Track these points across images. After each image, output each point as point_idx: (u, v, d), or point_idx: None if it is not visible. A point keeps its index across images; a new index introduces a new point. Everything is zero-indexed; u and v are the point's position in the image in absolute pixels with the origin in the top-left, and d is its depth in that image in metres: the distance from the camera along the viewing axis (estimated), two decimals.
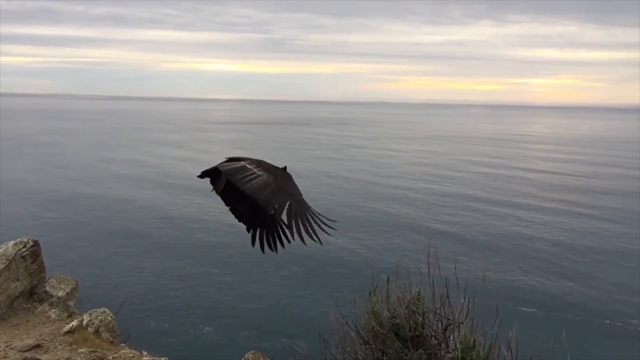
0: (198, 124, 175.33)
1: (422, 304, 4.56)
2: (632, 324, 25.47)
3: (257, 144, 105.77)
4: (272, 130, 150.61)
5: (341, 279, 27.52)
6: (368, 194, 54.79)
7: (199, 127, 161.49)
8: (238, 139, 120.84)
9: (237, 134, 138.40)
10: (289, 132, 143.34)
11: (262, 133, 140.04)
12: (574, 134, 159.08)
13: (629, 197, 55.12)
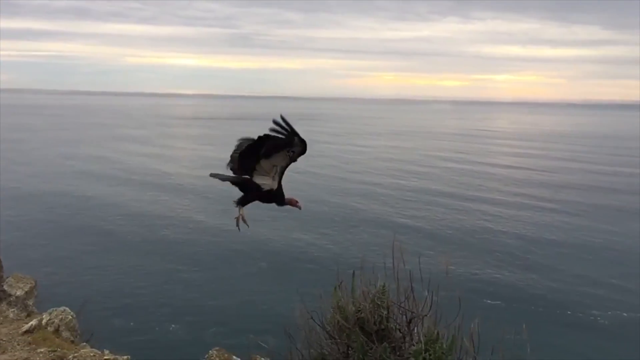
0: (163, 120, 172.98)
1: (386, 297, 4.60)
2: (593, 314, 26.19)
3: (223, 140, 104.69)
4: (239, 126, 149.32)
5: (308, 275, 27.55)
6: (335, 189, 54.96)
7: (163, 122, 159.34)
8: (204, 134, 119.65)
9: (202, 129, 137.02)
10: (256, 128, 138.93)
11: (228, 129, 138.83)
12: (536, 130, 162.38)
13: (589, 191, 56.57)
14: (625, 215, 45.79)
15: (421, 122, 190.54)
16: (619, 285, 29.67)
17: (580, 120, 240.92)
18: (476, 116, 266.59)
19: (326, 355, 4.68)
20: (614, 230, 40.93)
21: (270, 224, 40.65)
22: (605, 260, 34.17)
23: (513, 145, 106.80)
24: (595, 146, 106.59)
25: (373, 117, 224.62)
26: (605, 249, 36.48)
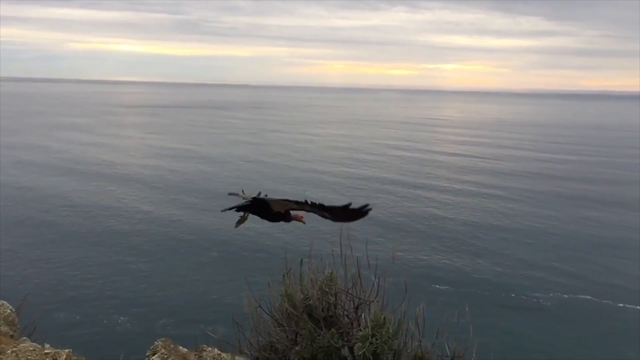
0: (108, 108, 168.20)
1: (334, 284, 4.64)
2: (535, 297, 27.17)
3: (172, 128, 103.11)
4: (187, 114, 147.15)
5: (258, 263, 27.50)
6: (286, 178, 54.89)
7: (108, 110, 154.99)
8: (151, 123, 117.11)
9: (149, 117, 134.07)
10: (205, 116, 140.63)
11: (176, 117, 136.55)
12: (482, 118, 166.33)
13: (531, 178, 58.45)
14: (566, 201, 47.56)
15: (371, 111, 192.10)
16: (559, 268, 30.86)
17: (524, 109, 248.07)
18: (425, 105, 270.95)
19: (274, 342, 4.69)
20: (555, 216, 42.49)
21: (221, 213, 40.32)
22: (546, 245, 35.46)
23: (460, 134, 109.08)
24: (537, 134, 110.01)
25: (324, 106, 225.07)
26: (547, 233, 37.84)
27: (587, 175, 61.07)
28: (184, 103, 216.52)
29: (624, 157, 75.80)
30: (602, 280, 29.14)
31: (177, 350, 3.57)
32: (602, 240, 36.43)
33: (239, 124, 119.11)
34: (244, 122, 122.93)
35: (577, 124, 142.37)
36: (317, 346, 4.42)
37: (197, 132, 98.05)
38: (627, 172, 63.27)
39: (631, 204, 46.42)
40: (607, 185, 55.11)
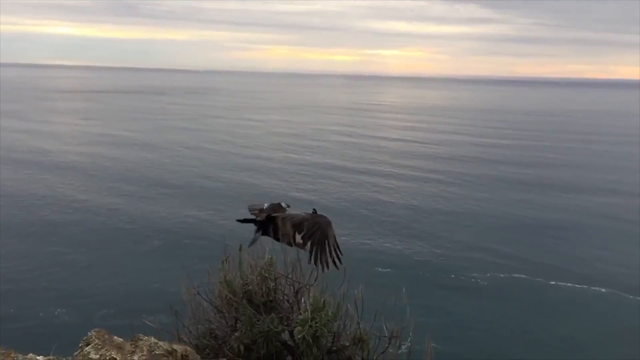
0: (41, 93, 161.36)
1: (274, 269, 4.65)
2: (473, 277, 28.10)
3: (108, 114, 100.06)
4: (124, 100, 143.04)
5: (201, 251, 27.15)
6: (228, 164, 54.38)
7: (42, 95, 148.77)
8: (87, 108, 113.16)
9: (85, 103, 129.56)
10: (143, 102, 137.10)
11: (113, 102, 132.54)
12: (423, 104, 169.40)
13: (470, 162, 60.12)
14: (502, 184, 49.22)
15: (314, 97, 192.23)
16: (496, 249, 32.01)
17: (462, 95, 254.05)
18: (366, 90, 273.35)
19: (214, 329, 4.67)
20: (492, 198, 43.94)
21: (162, 201, 39.62)
22: (484, 227, 36.67)
23: (401, 119, 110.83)
24: (475, 119, 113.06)
25: (266, 91, 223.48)
26: (484, 216, 39.12)
27: (522, 159, 63.31)
28: (120, 88, 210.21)
29: (556, 141, 78.94)
30: (535, 260, 30.41)
31: (111, 341, 3.50)
32: (536, 221, 37.97)
33: (179, 109, 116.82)
34: (184, 108, 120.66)
35: (513, 110, 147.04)
36: (256, 331, 4.43)
37: (135, 118, 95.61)
38: (560, 156, 66.01)
39: (563, 187, 48.51)
40: (541, 168, 57.35)
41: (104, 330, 3.55)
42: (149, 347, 3.53)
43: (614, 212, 40.30)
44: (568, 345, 21.58)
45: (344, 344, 4.56)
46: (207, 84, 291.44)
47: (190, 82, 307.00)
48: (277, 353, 4.60)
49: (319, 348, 4.47)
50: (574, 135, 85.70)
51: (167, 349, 3.63)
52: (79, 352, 3.46)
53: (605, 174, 54.81)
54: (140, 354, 3.39)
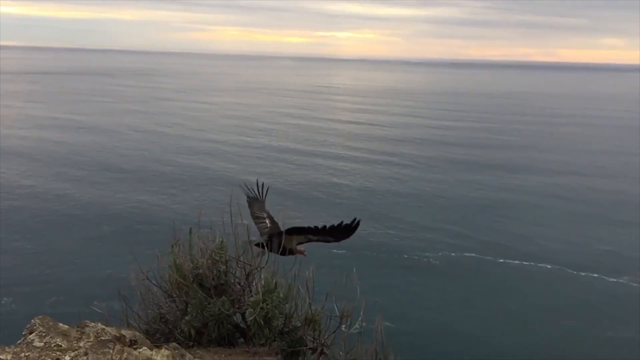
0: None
1: (224, 252, 4.62)
2: (426, 256, 28.67)
3: (53, 97, 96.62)
4: (69, 81, 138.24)
5: (153, 235, 26.78)
6: (180, 148, 53.48)
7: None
8: (31, 91, 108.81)
9: (28, 85, 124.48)
10: (90, 84, 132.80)
11: (56, 84, 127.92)
12: (376, 86, 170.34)
13: (422, 144, 60.97)
14: (454, 166, 50.15)
15: (266, 79, 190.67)
16: (448, 229, 32.71)
17: (415, 77, 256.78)
18: (320, 72, 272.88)
19: (164, 314, 4.62)
20: (444, 180, 44.76)
21: (112, 185, 38.75)
22: (436, 207, 37.37)
23: (354, 102, 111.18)
24: (427, 102, 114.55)
25: (217, 73, 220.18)
26: (436, 196, 39.84)
27: (473, 140, 64.59)
28: (66, 69, 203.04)
29: (505, 123, 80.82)
30: (485, 239, 31.26)
31: (56, 328, 3.41)
32: (485, 201, 38.94)
33: (128, 91, 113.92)
34: (133, 90, 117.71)
35: (464, 92, 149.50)
36: (207, 315, 4.41)
37: (82, 100, 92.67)
38: (509, 137, 67.64)
39: (512, 167, 49.80)
40: (490, 150, 58.67)
41: (48, 318, 3.46)
42: (96, 333, 3.46)
43: (559, 191, 41.71)
44: (515, 320, 22.35)
45: (296, 324, 4.59)
46: (156, 65, 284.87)
47: (138, 63, 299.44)
48: (229, 336, 4.60)
49: (270, 329, 4.49)
50: (521, 117, 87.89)
51: (115, 335, 3.57)
52: (22, 340, 3.37)
53: (551, 154, 56.56)
54: (87, 340, 3.32)
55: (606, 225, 34.05)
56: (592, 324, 22.26)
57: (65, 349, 3.24)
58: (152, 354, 3.16)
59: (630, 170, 49.50)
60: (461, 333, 21.08)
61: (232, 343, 4.56)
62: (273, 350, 4.39)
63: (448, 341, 20.49)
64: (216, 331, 4.45)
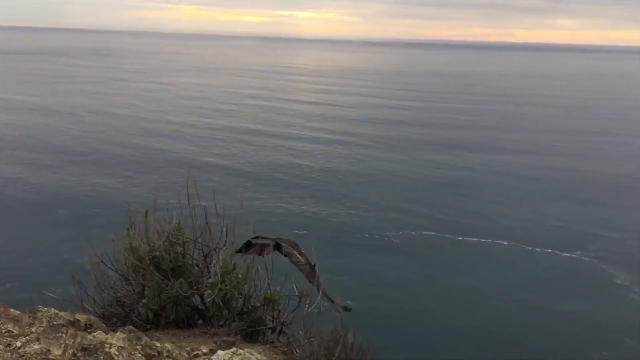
0: None
1: (182, 234, 4.56)
2: (387, 235, 29.05)
3: (3, 77, 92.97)
4: (19, 62, 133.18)
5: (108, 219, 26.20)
6: (138, 130, 52.47)
7: None
8: None
9: None
10: (41, 64, 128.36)
11: (7, 64, 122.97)
12: (335, 66, 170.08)
13: (382, 124, 61.36)
14: (413, 145, 50.74)
15: (225, 59, 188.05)
16: (407, 208, 33.18)
17: (374, 57, 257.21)
18: (280, 52, 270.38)
19: (121, 297, 4.54)
20: (404, 159, 45.27)
21: (67, 168, 37.87)
22: (396, 187, 37.82)
23: (315, 82, 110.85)
24: (387, 82, 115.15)
25: (175, 53, 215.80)
26: (397, 176, 40.30)
27: (432, 120, 65.43)
28: (15, 49, 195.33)
29: (463, 103, 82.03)
30: (444, 217, 31.86)
31: (7, 314, 3.32)
32: (444, 180, 39.62)
33: (82, 72, 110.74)
34: (87, 70, 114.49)
35: (422, 72, 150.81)
36: (165, 297, 4.36)
37: (32, 81, 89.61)
38: (467, 117, 68.73)
39: (470, 146, 50.69)
40: (449, 129, 59.53)
41: (1, 305, 3.36)
42: (49, 318, 3.38)
43: (516, 170, 42.72)
44: (473, 295, 22.94)
45: (255, 305, 4.59)
46: (111, 44, 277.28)
47: (92, 42, 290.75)
48: (187, 317, 4.56)
49: (229, 310, 4.48)
50: (479, 97, 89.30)
51: (68, 319, 3.49)
52: None
53: (508, 133, 57.78)
54: (39, 326, 3.24)
55: (560, 202, 35.12)
56: (546, 297, 23.03)
57: (16, 334, 3.16)
58: (107, 338, 3.11)
59: (583, 149, 51.06)
60: (421, 310, 21.52)
61: (190, 325, 4.52)
62: (232, 330, 4.37)
63: (408, 318, 20.89)
64: (174, 313, 4.41)
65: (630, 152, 49.93)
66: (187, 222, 4.79)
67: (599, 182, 39.76)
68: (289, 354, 4.30)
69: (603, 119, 69.43)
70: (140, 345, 3.30)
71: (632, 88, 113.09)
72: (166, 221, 4.71)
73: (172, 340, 4.02)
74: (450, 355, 18.52)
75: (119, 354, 3.00)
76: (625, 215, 33.02)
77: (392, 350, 16.83)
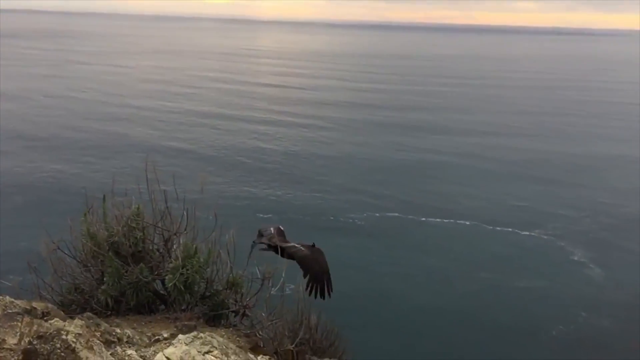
0: None
1: (141, 219, 4.50)
2: (351, 217, 29.22)
3: None
4: None
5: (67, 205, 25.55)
6: (97, 114, 51.25)
7: None
8: None
9: None
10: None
11: None
12: (299, 49, 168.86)
13: (346, 107, 61.41)
14: (377, 128, 50.98)
15: (187, 41, 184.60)
16: (371, 191, 33.40)
17: (338, 40, 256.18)
18: (242, 35, 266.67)
19: (79, 284, 4.48)
20: (368, 142, 45.46)
21: (24, 154, 36.88)
22: (360, 169, 38.00)
23: (278, 64, 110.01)
24: (351, 64, 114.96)
25: (135, 35, 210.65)
26: (360, 159, 40.48)
27: (395, 102, 65.72)
28: None
29: (427, 85, 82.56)
30: (407, 199, 32.20)
31: None
32: (407, 162, 39.98)
33: (37, 54, 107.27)
34: (43, 53, 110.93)
35: (387, 54, 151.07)
36: (125, 283, 4.31)
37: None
38: (431, 99, 69.28)
39: (434, 129, 51.20)
40: (413, 111, 59.94)
41: None
42: (4, 306, 3.32)
43: (477, 151, 43.38)
44: (437, 276, 23.34)
45: (217, 288, 4.58)
46: (68, 26, 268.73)
47: (49, 24, 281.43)
48: (149, 303, 4.53)
49: (191, 294, 4.46)
50: (442, 79, 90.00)
51: (24, 308, 3.43)
52: None
53: (470, 115, 58.56)
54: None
55: (520, 182, 35.88)
56: (506, 275, 23.60)
57: None
58: (64, 325, 3.06)
59: (542, 129, 52.16)
60: (385, 291, 21.79)
61: (152, 310, 4.50)
62: (194, 315, 4.36)
63: (372, 298, 21.15)
64: (135, 299, 4.38)
65: (587, 132, 51.33)
66: (147, 207, 4.73)
67: (557, 162, 40.75)
68: (253, 336, 4.32)
69: (561, 100, 70.98)
70: (99, 332, 3.26)
71: (589, 69, 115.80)
72: (125, 206, 4.65)
73: (133, 326, 3.99)
74: (414, 334, 18.87)
75: (76, 341, 2.96)
76: (582, 194, 33.98)
77: (356, 331, 17.04)
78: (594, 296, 22.18)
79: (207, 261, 4.47)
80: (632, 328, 20.20)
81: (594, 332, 19.90)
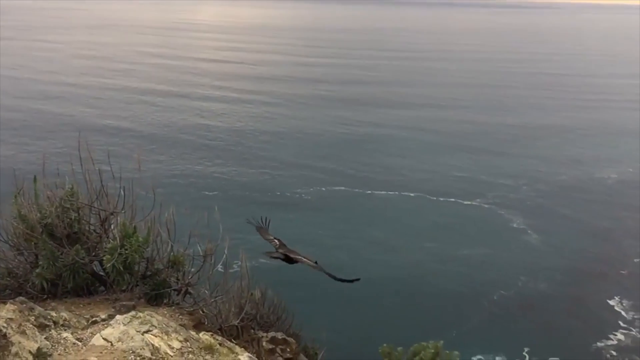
0: None
1: (76, 199, 4.35)
2: (298, 192, 29.30)
3: None
4: None
5: None
6: (27, 92, 48.98)
7: None
8: None
9: None
10: None
11: None
12: (239, 23, 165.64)
13: (290, 82, 60.92)
14: (322, 102, 50.93)
15: (121, 15, 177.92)
16: (318, 165, 33.54)
17: (279, 13, 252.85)
18: (179, 8, 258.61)
19: (12, 268, 4.30)
20: (312, 117, 45.40)
21: None
22: (306, 144, 37.99)
23: (218, 39, 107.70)
24: (293, 38, 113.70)
25: (65, 9, 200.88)
26: (306, 133, 40.45)
27: (338, 76, 65.62)
28: None
29: (370, 59, 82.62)
30: (353, 172, 32.50)
31: None
32: (352, 136, 40.24)
33: None
34: None
35: (329, 28, 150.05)
36: (60, 265, 4.17)
37: None
38: (373, 73, 69.51)
39: (377, 102, 51.53)
40: (356, 85, 60.08)
41: None
42: None
43: (419, 123, 44.07)
44: (383, 246, 23.82)
45: (158, 267, 4.50)
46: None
47: None
48: (87, 285, 4.41)
49: (132, 274, 4.37)
50: (385, 53, 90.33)
51: None
52: None
53: (412, 88, 59.23)
54: None
55: (461, 154, 36.76)
56: (449, 243, 24.31)
57: None
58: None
59: (482, 101, 53.40)
60: (333, 263, 21.72)
61: (91, 292, 4.38)
62: (135, 295, 4.28)
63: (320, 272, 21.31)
64: (72, 281, 4.25)
65: (523, 103, 52.88)
66: (82, 187, 4.57)
67: (495, 133, 41.94)
68: (196, 314, 4.28)
69: (500, 73, 72.66)
70: (33, 316, 3.16)
71: (529, 42, 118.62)
72: (58, 187, 4.48)
73: (70, 309, 3.88)
74: (361, 304, 19.22)
75: (7, 326, 2.86)
76: (520, 164, 35.18)
77: (304, 303, 17.16)
78: (532, 261, 23.16)
79: (146, 240, 4.37)
80: (568, 290, 21.29)
81: (532, 296, 20.83)
